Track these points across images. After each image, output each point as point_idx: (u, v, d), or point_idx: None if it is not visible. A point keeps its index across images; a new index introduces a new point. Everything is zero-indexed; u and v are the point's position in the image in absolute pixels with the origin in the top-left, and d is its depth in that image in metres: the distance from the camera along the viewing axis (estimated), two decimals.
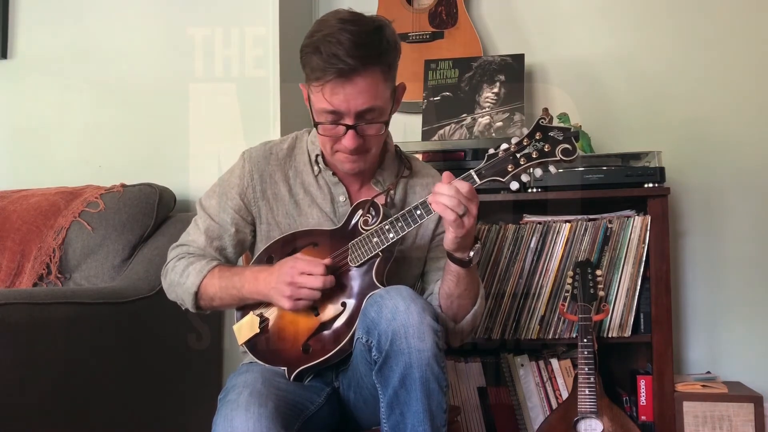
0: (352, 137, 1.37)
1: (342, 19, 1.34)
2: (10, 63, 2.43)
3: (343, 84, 1.32)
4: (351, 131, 1.36)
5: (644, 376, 2.03)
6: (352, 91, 1.33)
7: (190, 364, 1.98)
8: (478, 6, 2.51)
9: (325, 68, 1.31)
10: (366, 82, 1.33)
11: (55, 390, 1.54)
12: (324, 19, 1.37)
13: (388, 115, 1.41)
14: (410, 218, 1.35)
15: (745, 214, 2.30)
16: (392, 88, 1.42)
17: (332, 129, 1.38)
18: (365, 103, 1.34)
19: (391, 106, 1.43)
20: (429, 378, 1.24)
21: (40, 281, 1.95)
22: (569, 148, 1.29)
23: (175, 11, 2.31)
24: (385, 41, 1.36)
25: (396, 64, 1.42)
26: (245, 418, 1.21)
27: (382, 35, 1.36)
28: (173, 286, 1.50)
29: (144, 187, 2.07)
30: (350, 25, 1.32)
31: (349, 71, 1.31)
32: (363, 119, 1.36)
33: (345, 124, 1.36)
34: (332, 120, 1.37)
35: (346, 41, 1.30)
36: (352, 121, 1.36)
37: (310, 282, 1.35)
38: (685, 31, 2.37)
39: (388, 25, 1.39)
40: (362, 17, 1.37)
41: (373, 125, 1.38)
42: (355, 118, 1.35)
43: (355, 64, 1.30)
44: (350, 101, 1.33)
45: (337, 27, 1.32)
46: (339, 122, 1.36)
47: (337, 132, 1.38)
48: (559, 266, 2.04)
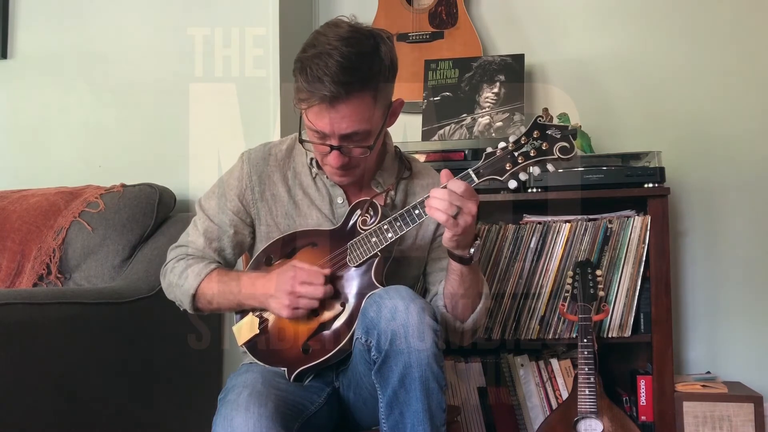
0: (337, 157, 1.36)
1: (339, 36, 1.30)
2: (10, 63, 2.44)
3: (327, 109, 1.30)
4: (335, 151, 1.36)
5: (644, 376, 2.03)
6: (336, 116, 1.31)
7: (190, 364, 1.98)
8: (478, 6, 2.51)
9: (309, 92, 1.29)
10: (350, 108, 1.31)
11: (55, 390, 1.54)
12: (321, 32, 1.34)
13: (376, 136, 1.38)
14: (409, 218, 1.35)
15: (745, 213, 2.30)
16: (386, 106, 1.39)
17: (318, 146, 1.38)
18: (349, 128, 1.33)
19: (383, 123, 1.40)
20: (428, 377, 1.24)
21: (40, 281, 1.95)
22: (567, 146, 1.29)
23: (175, 11, 2.31)
24: (378, 63, 1.33)
25: (391, 82, 1.38)
26: (245, 418, 1.21)
27: (374, 57, 1.32)
28: (172, 287, 1.50)
29: (144, 187, 2.07)
30: (344, 45, 1.29)
31: (332, 98, 1.28)
32: (349, 141, 1.35)
33: (329, 145, 1.35)
34: (317, 138, 1.36)
35: (333, 65, 1.27)
36: (336, 143, 1.35)
37: (311, 292, 1.35)
38: (685, 31, 2.37)
39: (385, 42, 1.35)
40: (360, 35, 1.33)
41: (358, 147, 1.37)
42: (340, 140, 1.34)
43: (338, 91, 1.27)
44: (334, 125, 1.32)
45: (329, 47, 1.28)
46: (324, 142, 1.36)
47: (322, 150, 1.38)
48: (559, 266, 2.04)
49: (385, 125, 1.42)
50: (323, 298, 1.36)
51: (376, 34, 1.35)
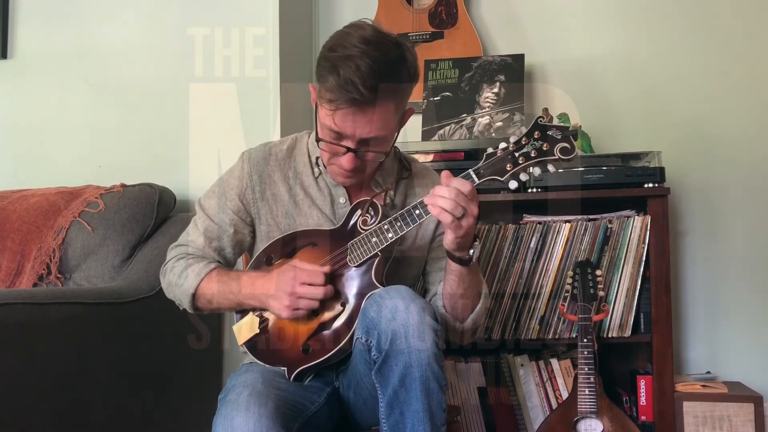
0: (351, 159, 1.36)
1: (365, 38, 1.30)
2: (10, 63, 2.44)
3: (354, 112, 1.31)
4: (350, 154, 1.36)
5: (644, 376, 2.03)
6: (362, 120, 1.31)
7: (190, 364, 1.98)
8: (478, 6, 2.51)
9: (340, 94, 1.29)
10: (377, 113, 1.31)
11: (55, 390, 1.54)
12: (346, 33, 1.33)
13: (390, 142, 1.40)
14: (409, 218, 1.35)
15: (745, 213, 2.30)
16: (402, 113, 1.41)
17: (333, 146, 1.38)
18: (371, 132, 1.33)
19: (398, 130, 1.42)
20: (429, 377, 1.24)
21: (40, 281, 1.95)
22: (568, 146, 1.29)
23: (175, 11, 2.31)
24: (406, 72, 1.33)
25: (410, 93, 1.39)
26: (245, 418, 1.21)
27: (403, 66, 1.33)
28: (171, 286, 1.50)
29: (144, 187, 2.07)
30: (373, 49, 1.28)
31: (362, 102, 1.29)
32: (366, 145, 1.36)
33: (346, 146, 1.36)
34: (334, 138, 1.36)
35: (365, 68, 1.26)
36: (353, 145, 1.35)
37: (311, 292, 1.35)
38: (685, 31, 2.37)
39: (410, 52, 1.35)
40: (386, 40, 1.32)
41: (373, 152, 1.37)
42: (358, 143, 1.35)
43: (370, 97, 1.28)
44: (357, 128, 1.32)
45: (359, 49, 1.28)
46: (340, 143, 1.36)
47: (336, 150, 1.38)
48: (559, 266, 2.04)
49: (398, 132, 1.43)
50: (323, 298, 1.36)
51: (401, 43, 1.35)
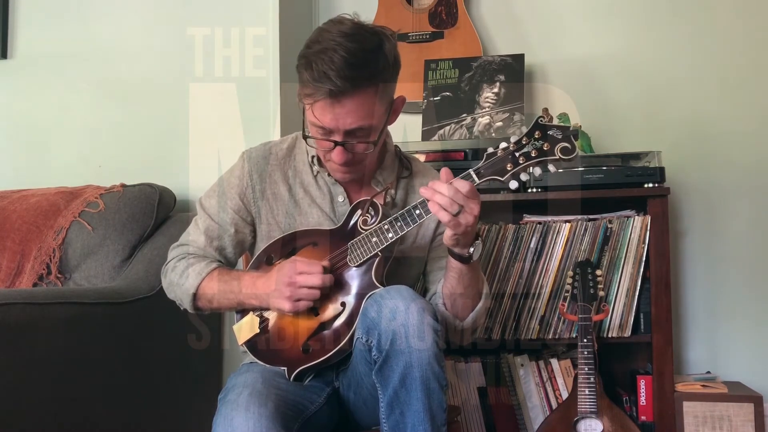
0: (341, 153, 1.37)
1: (342, 32, 1.31)
2: (10, 63, 2.43)
3: (332, 104, 1.31)
4: (339, 147, 1.36)
5: (644, 376, 2.03)
6: (341, 111, 1.32)
7: (190, 364, 1.97)
8: (478, 6, 2.51)
9: (315, 87, 1.30)
10: (356, 102, 1.32)
11: (55, 390, 1.54)
12: (325, 29, 1.35)
13: (379, 132, 1.39)
14: (409, 218, 1.35)
15: (745, 213, 2.30)
16: (389, 103, 1.41)
17: (321, 142, 1.38)
18: (354, 123, 1.34)
19: (386, 120, 1.42)
20: (429, 377, 1.24)
21: (40, 281, 1.95)
22: (568, 146, 1.29)
23: (175, 11, 2.31)
24: (383, 59, 1.34)
25: (394, 80, 1.40)
26: (245, 418, 1.21)
27: (379, 53, 1.33)
28: (172, 286, 1.51)
29: (144, 187, 2.07)
30: (348, 41, 1.30)
31: (338, 92, 1.29)
32: (353, 136, 1.36)
33: (333, 140, 1.36)
34: (321, 134, 1.37)
35: (338, 60, 1.28)
36: (340, 138, 1.35)
37: (309, 281, 1.35)
38: (685, 31, 2.37)
39: (389, 40, 1.36)
40: (363, 32, 1.34)
41: (362, 143, 1.37)
42: (344, 135, 1.35)
43: (344, 86, 1.29)
44: (339, 120, 1.33)
45: (334, 43, 1.29)
46: (328, 138, 1.36)
47: (326, 146, 1.38)
48: (559, 266, 2.04)
49: (387, 122, 1.43)
50: (323, 286, 1.35)
51: (379, 32, 1.36)
